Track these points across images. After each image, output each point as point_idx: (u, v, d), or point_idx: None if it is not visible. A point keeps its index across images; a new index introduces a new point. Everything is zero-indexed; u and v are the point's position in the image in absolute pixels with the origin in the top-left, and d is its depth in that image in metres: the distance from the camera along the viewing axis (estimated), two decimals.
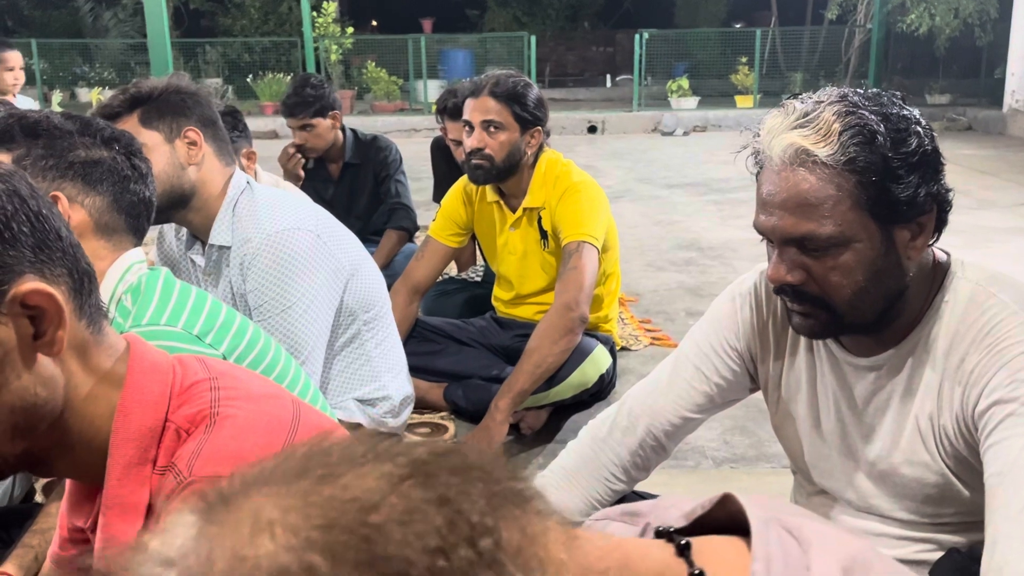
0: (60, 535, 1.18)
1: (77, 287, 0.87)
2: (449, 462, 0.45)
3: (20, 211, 0.83)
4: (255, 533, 0.42)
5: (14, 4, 17.32)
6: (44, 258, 0.84)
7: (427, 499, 0.42)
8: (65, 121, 1.36)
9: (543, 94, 2.74)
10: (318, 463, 0.44)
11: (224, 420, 0.91)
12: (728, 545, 0.54)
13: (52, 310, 0.84)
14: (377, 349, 2.27)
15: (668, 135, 12.16)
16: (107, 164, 1.37)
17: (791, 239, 1.22)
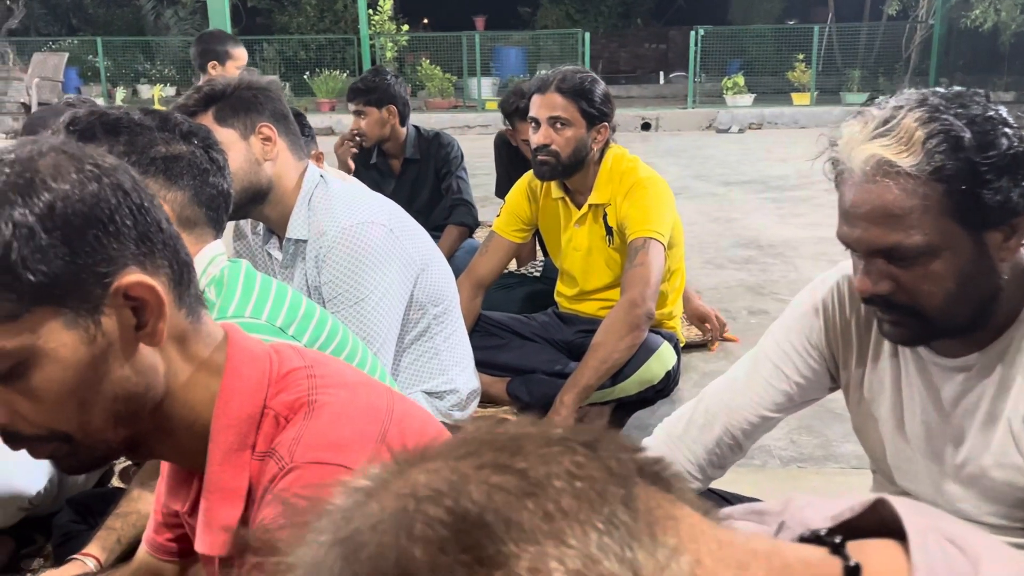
0: (155, 519, 1.20)
1: (177, 278, 0.89)
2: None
3: (123, 204, 0.84)
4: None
5: (79, 3, 17.74)
6: (146, 250, 0.86)
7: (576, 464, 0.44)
8: (144, 117, 1.38)
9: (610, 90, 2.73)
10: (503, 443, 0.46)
11: (322, 407, 0.92)
12: (884, 548, 0.53)
13: (153, 302, 0.85)
14: (446, 343, 2.29)
15: (723, 132, 12.04)
16: (187, 159, 1.39)
17: (878, 250, 1.19)
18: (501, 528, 0.41)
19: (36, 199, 0.79)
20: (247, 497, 0.92)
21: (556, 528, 0.41)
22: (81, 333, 0.82)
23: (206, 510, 0.93)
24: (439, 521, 0.41)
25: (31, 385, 0.83)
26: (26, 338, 0.80)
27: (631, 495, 0.44)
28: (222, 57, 4.26)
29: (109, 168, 0.85)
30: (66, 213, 0.80)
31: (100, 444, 0.89)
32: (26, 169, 0.81)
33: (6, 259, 0.78)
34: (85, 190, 0.82)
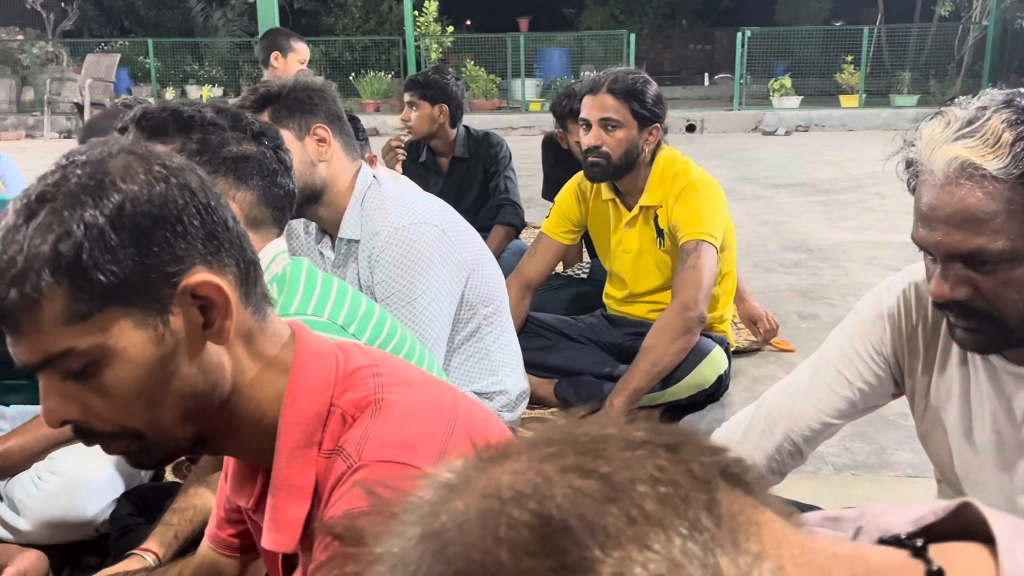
0: (217, 515, 1.21)
1: (243, 276, 0.90)
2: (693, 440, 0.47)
3: (191, 204, 0.85)
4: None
5: (131, 5, 18.05)
6: (213, 249, 0.86)
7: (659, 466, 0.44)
8: (217, 116, 1.38)
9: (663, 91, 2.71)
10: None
11: (389, 406, 0.92)
12: (968, 552, 0.52)
13: (220, 300, 0.86)
14: (496, 344, 2.28)
15: (769, 135, 11.91)
16: (256, 159, 1.39)
17: (957, 255, 1.16)
18: (585, 533, 0.41)
19: (106, 200, 0.80)
20: (313, 495, 0.93)
21: (640, 533, 0.41)
22: (150, 332, 0.83)
23: (272, 507, 0.94)
24: (524, 524, 0.41)
25: (103, 383, 0.84)
26: (97, 337, 0.82)
27: (714, 500, 0.44)
28: (285, 49, 4.31)
29: (176, 168, 0.86)
30: (135, 214, 0.81)
31: (169, 441, 0.90)
32: (96, 171, 0.82)
33: (78, 260, 0.79)
34: (153, 191, 0.83)
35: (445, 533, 0.42)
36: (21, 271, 0.79)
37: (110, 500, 1.87)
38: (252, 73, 15.42)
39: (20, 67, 15.16)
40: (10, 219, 0.82)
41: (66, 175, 0.82)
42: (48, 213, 0.80)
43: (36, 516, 1.84)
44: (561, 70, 15.39)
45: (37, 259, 0.79)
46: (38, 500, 1.84)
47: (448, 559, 0.41)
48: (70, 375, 0.83)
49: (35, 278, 0.79)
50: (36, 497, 1.84)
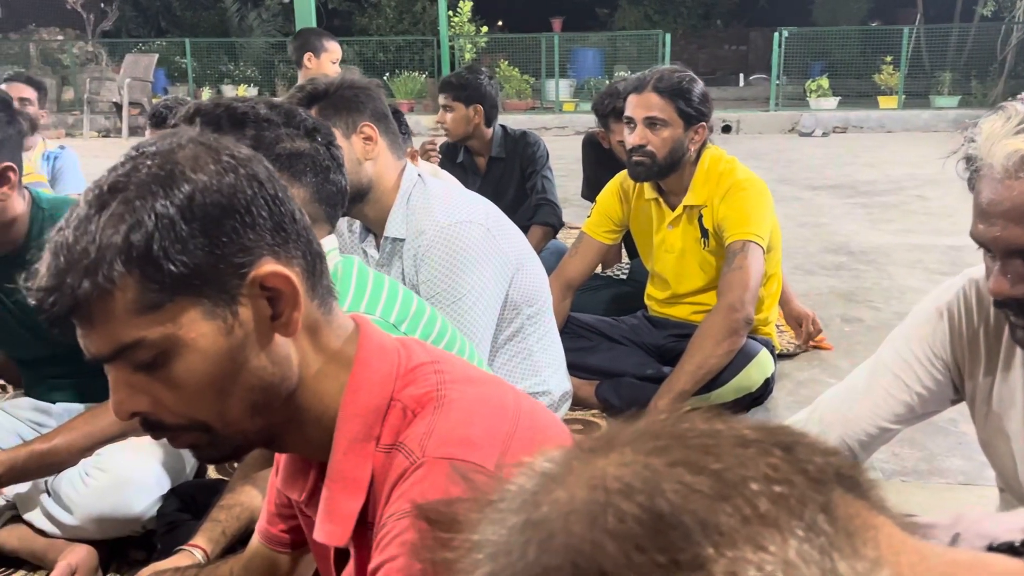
0: (268, 511, 1.21)
1: (310, 268, 0.89)
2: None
3: (259, 195, 0.85)
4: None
5: (168, 5, 18.26)
6: (280, 240, 0.86)
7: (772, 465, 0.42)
8: (270, 112, 1.38)
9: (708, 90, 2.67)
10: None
11: (451, 403, 0.91)
12: None
13: (289, 292, 0.86)
14: (539, 344, 2.27)
15: (806, 136, 11.79)
16: (310, 156, 1.39)
17: (1016, 250, 1.13)
18: (698, 530, 0.39)
19: (176, 191, 0.81)
20: (368, 490, 0.92)
21: (754, 532, 0.39)
22: (219, 323, 0.84)
23: (327, 499, 0.93)
24: (633, 517, 0.40)
25: (172, 375, 0.84)
26: (168, 328, 0.82)
27: (830, 502, 0.42)
28: (317, 50, 4.33)
29: (244, 159, 0.86)
30: (204, 204, 0.81)
31: (237, 434, 0.90)
32: (166, 161, 0.82)
33: (149, 250, 0.79)
34: (223, 181, 0.83)
35: (549, 523, 0.41)
36: (94, 261, 0.79)
37: (156, 496, 1.88)
38: (287, 73, 15.53)
39: (60, 67, 15.39)
40: (82, 209, 0.82)
41: (137, 166, 0.83)
42: (120, 203, 0.80)
43: (84, 512, 1.85)
44: (594, 70, 15.35)
45: (109, 249, 0.79)
46: (86, 496, 1.85)
47: (553, 549, 0.40)
48: (140, 366, 0.84)
49: (107, 268, 0.79)
50: (84, 493, 1.85)
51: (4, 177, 1.82)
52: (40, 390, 2.16)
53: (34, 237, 1.93)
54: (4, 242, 1.90)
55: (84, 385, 2.08)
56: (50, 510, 1.89)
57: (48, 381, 2.13)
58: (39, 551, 1.88)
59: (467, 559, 0.44)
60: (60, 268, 0.80)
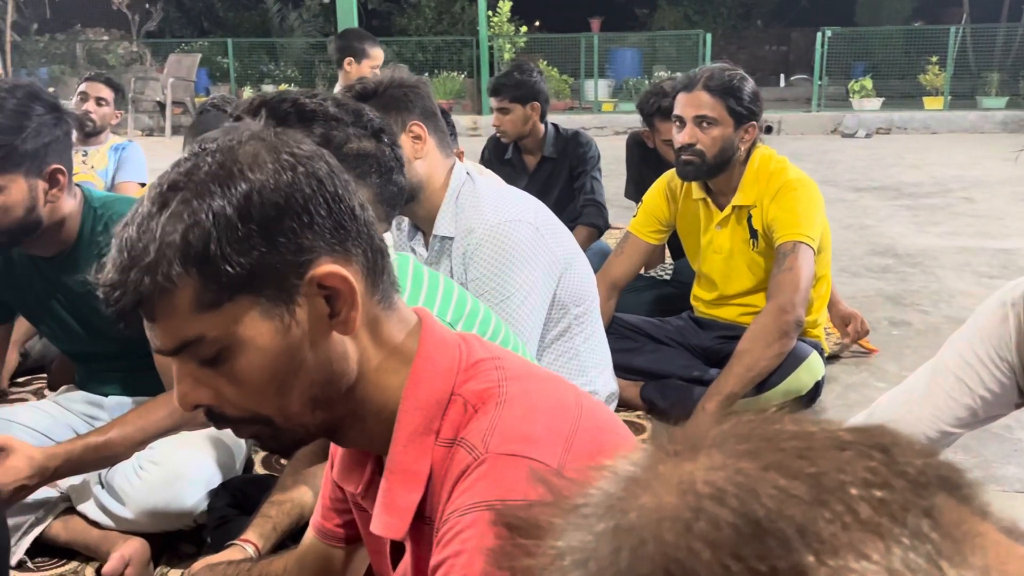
0: (323, 505, 1.21)
1: (371, 265, 0.89)
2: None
3: (318, 193, 0.85)
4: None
5: (210, 6, 18.48)
6: (340, 239, 0.86)
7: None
8: (339, 110, 1.37)
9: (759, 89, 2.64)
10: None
11: (514, 399, 0.90)
12: None
13: (347, 291, 0.86)
14: (586, 344, 2.25)
15: (849, 137, 11.64)
16: (376, 156, 1.38)
17: None
18: (796, 537, 0.37)
19: (234, 190, 0.81)
20: (427, 484, 0.91)
21: (855, 539, 0.37)
22: (277, 322, 0.84)
23: (385, 491, 0.92)
24: (727, 523, 0.38)
25: (233, 370, 0.85)
26: (227, 326, 0.83)
27: (933, 506, 0.39)
28: (359, 55, 4.33)
29: (305, 156, 0.86)
30: (262, 204, 0.82)
31: (298, 427, 0.91)
32: (226, 159, 0.83)
33: (206, 250, 0.80)
34: (280, 180, 0.83)
35: (639, 530, 0.40)
36: (154, 260, 0.80)
37: (207, 491, 1.89)
38: (327, 73, 15.63)
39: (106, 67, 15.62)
40: (145, 207, 0.83)
41: (198, 163, 0.83)
42: (179, 202, 0.81)
43: (137, 505, 1.87)
44: (633, 71, 15.28)
45: (169, 249, 0.80)
46: (139, 489, 1.87)
47: (646, 557, 0.39)
48: (203, 361, 0.85)
49: (167, 267, 0.80)
50: (137, 486, 1.87)
51: (53, 179, 1.84)
52: (93, 384, 2.19)
53: (86, 236, 1.96)
54: (56, 241, 1.93)
55: (135, 379, 2.10)
56: (104, 503, 1.91)
57: (101, 375, 2.16)
58: (93, 543, 1.91)
59: (553, 567, 0.42)
60: (124, 264, 0.81)
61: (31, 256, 1.96)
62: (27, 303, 2.06)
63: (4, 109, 1.74)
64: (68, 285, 1.98)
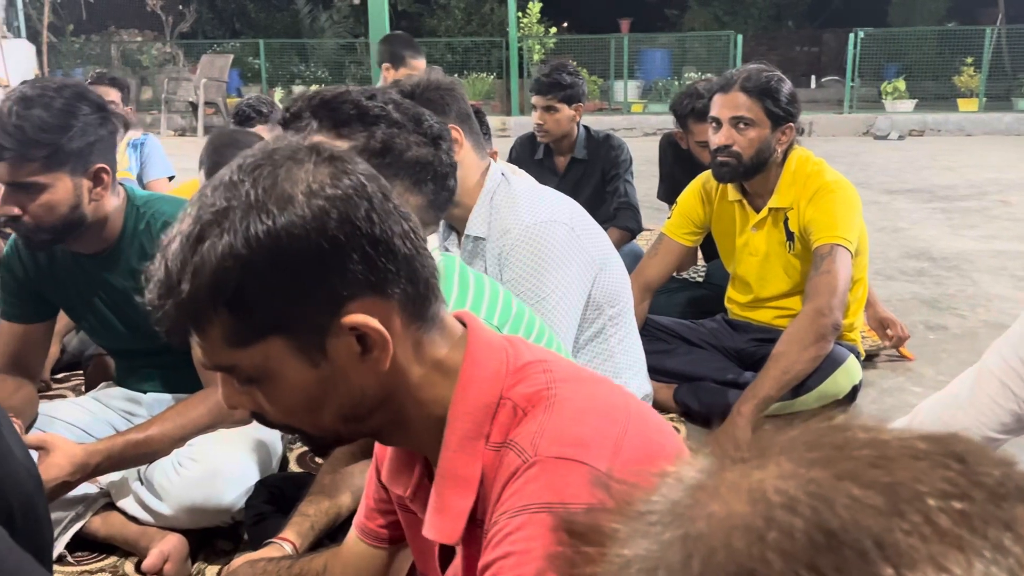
0: (367, 505, 1.21)
1: (411, 297, 0.89)
2: None
3: (354, 236, 0.84)
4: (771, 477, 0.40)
5: (242, 7, 18.63)
6: (377, 280, 0.86)
7: None
8: (401, 115, 1.36)
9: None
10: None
11: (563, 402, 0.90)
12: None
13: (378, 338, 0.86)
14: (620, 345, 2.24)
15: (881, 139, 11.53)
16: (433, 164, 1.37)
17: None
18: (873, 549, 0.36)
19: (268, 235, 0.81)
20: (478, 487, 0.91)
21: (935, 552, 0.36)
22: (307, 359, 0.86)
23: (437, 496, 0.93)
24: (801, 533, 0.37)
25: (267, 392, 0.89)
26: (258, 360, 0.86)
27: (1014, 519, 0.38)
28: (398, 61, 4.33)
29: (343, 196, 0.84)
30: (296, 250, 0.82)
31: (332, 436, 0.95)
32: (266, 192, 0.82)
33: (237, 294, 0.82)
34: (317, 224, 0.82)
35: (709, 538, 0.39)
36: (187, 298, 0.82)
37: (245, 488, 1.91)
38: (356, 74, 15.72)
39: (140, 67, 15.82)
40: (184, 231, 0.83)
41: (235, 194, 0.82)
42: (214, 238, 0.81)
43: (176, 501, 1.88)
44: (663, 71, 15.22)
45: (200, 290, 0.82)
46: (178, 486, 1.88)
47: (716, 565, 0.38)
48: (240, 381, 0.89)
49: (198, 306, 0.83)
50: (176, 483, 1.89)
51: (98, 177, 1.87)
52: (132, 380, 2.21)
53: (128, 234, 1.98)
54: (99, 239, 1.95)
55: (174, 376, 2.12)
56: (143, 498, 1.93)
57: (140, 371, 2.18)
58: (132, 538, 1.93)
59: (620, 575, 0.42)
60: (161, 292, 0.84)
61: (74, 253, 1.99)
62: (69, 300, 2.09)
63: (51, 108, 1.76)
64: (110, 282, 2.01)
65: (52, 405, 2.21)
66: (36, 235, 1.85)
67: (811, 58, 19.87)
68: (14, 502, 1.25)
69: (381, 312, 0.86)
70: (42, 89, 1.79)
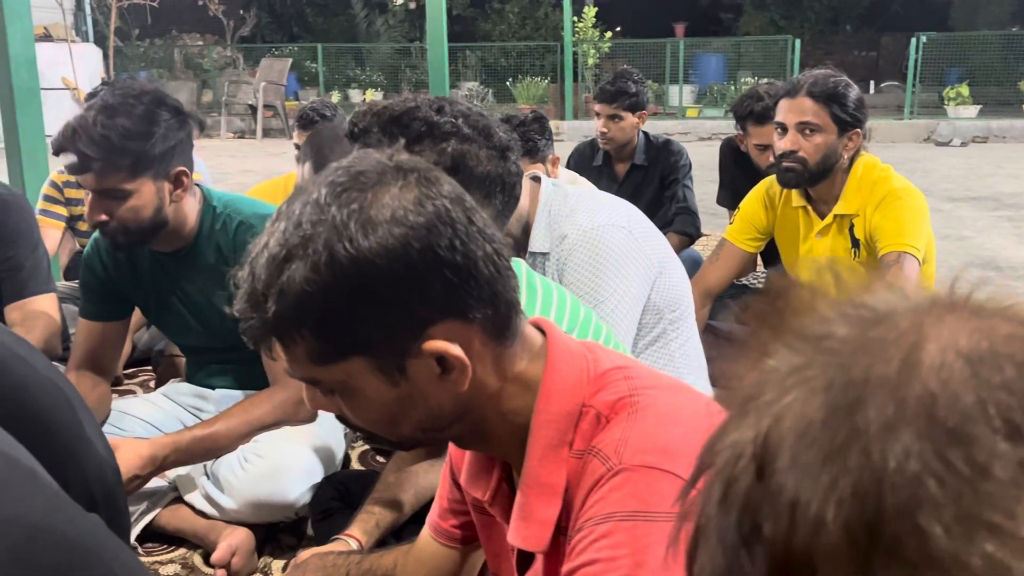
0: (440, 506, 1.22)
1: (493, 319, 0.90)
2: None
3: (435, 264, 0.85)
4: None
5: (301, 12, 18.90)
6: (459, 306, 0.87)
7: None
8: (472, 130, 1.36)
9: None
10: None
11: (646, 408, 0.90)
12: None
13: (458, 364, 0.87)
14: (680, 350, 2.23)
15: (943, 145, 11.29)
16: (502, 176, 1.38)
17: None
18: None
19: (353, 262, 0.82)
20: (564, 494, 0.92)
21: None
22: (387, 379, 0.88)
23: (523, 504, 0.93)
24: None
25: (348, 404, 0.91)
26: (340, 377, 0.88)
27: None
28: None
29: (426, 223, 0.85)
30: (380, 279, 0.83)
31: (411, 443, 0.99)
32: (351, 218, 0.83)
33: (320, 318, 0.84)
34: (400, 254, 0.83)
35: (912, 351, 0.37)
36: (272, 318, 0.84)
37: (310, 484, 1.94)
38: (411, 78, 15.85)
39: (201, 70, 16.13)
40: (264, 260, 0.85)
41: (321, 218, 0.84)
42: (299, 263, 0.83)
43: (242, 496, 1.92)
44: (718, 76, 15.10)
45: (286, 311, 0.84)
46: (244, 481, 1.92)
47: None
48: (323, 391, 0.92)
49: (283, 326, 0.85)
50: (242, 478, 1.92)
51: (178, 180, 1.92)
52: (200, 376, 2.26)
53: (205, 233, 2.02)
54: (177, 238, 2.00)
55: (242, 372, 2.16)
56: (210, 493, 1.97)
57: (210, 367, 2.23)
58: (200, 531, 1.97)
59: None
60: (247, 306, 0.86)
61: (153, 252, 2.04)
62: (146, 297, 2.14)
63: (134, 116, 1.81)
64: (186, 280, 2.06)
65: (124, 401, 2.26)
66: (122, 238, 1.91)
67: (869, 63, 19.54)
68: (97, 494, 1.28)
69: (462, 335, 0.87)
70: (123, 96, 1.84)
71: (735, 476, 0.39)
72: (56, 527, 0.80)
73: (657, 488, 0.84)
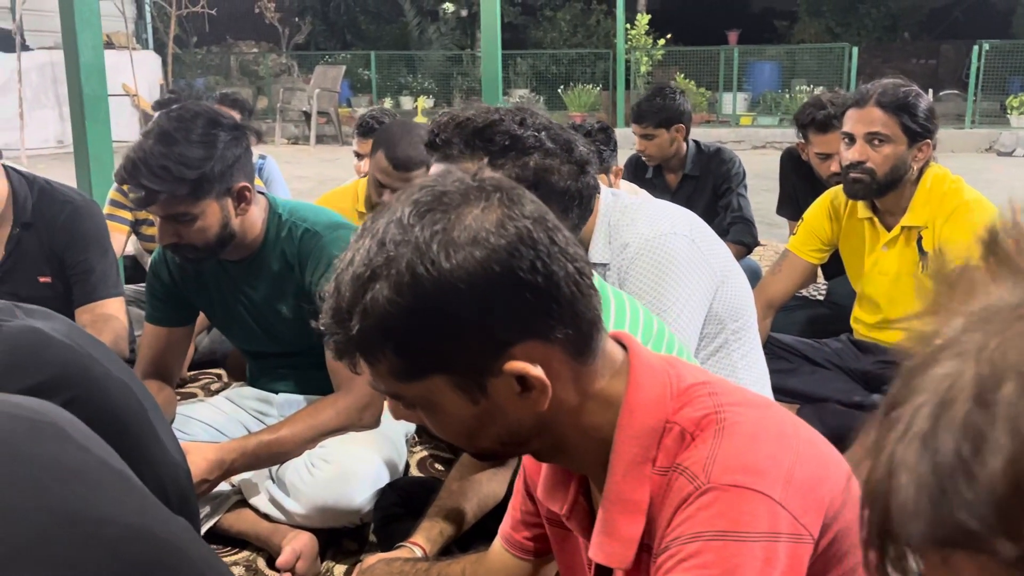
0: (513, 517, 1.22)
1: (574, 338, 0.89)
2: None
3: (518, 287, 0.85)
4: None
5: (354, 20, 19.13)
6: (540, 326, 0.87)
7: None
8: (554, 144, 1.35)
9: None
10: None
11: (733, 426, 0.89)
12: None
13: (537, 383, 0.88)
14: (743, 361, 2.20)
15: (1005, 155, 11.04)
16: (581, 191, 1.37)
17: None
18: None
19: (436, 285, 0.83)
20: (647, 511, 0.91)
21: None
22: (467, 396, 0.89)
23: (606, 520, 0.93)
24: None
25: (428, 418, 0.93)
26: (421, 392, 0.89)
27: None
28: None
29: (509, 246, 0.85)
30: (462, 302, 0.84)
31: (491, 454, 0.99)
32: (434, 239, 0.84)
33: (404, 338, 0.85)
34: (479, 278, 0.84)
35: None
36: (357, 336, 0.86)
37: (375, 490, 1.94)
38: (462, 85, 15.93)
39: (256, 77, 16.39)
40: (349, 278, 0.86)
41: (405, 239, 0.84)
42: (381, 284, 0.84)
43: (308, 500, 1.93)
44: (772, 84, 14.94)
45: (370, 331, 0.85)
46: (311, 486, 1.93)
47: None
48: (405, 404, 0.93)
49: (367, 344, 0.87)
50: (309, 483, 1.94)
51: (241, 195, 1.95)
52: (264, 381, 2.28)
53: (271, 241, 2.05)
54: (244, 246, 2.03)
55: (305, 377, 2.18)
56: (276, 497, 1.98)
57: (273, 372, 2.25)
58: (264, 535, 1.98)
59: None
60: (332, 322, 0.88)
61: (219, 259, 2.07)
62: (212, 303, 2.17)
63: (191, 141, 1.84)
64: (252, 287, 2.08)
65: (188, 406, 2.29)
66: (192, 255, 1.96)
67: (928, 71, 19.16)
68: (172, 496, 1.30)
69: (542, 355, 0.87)
70: (178, 121, 1.86)
71: (951, 399, 0.39)
72: (149, 527, 0.82)
73: (746, 508, 0.82)
